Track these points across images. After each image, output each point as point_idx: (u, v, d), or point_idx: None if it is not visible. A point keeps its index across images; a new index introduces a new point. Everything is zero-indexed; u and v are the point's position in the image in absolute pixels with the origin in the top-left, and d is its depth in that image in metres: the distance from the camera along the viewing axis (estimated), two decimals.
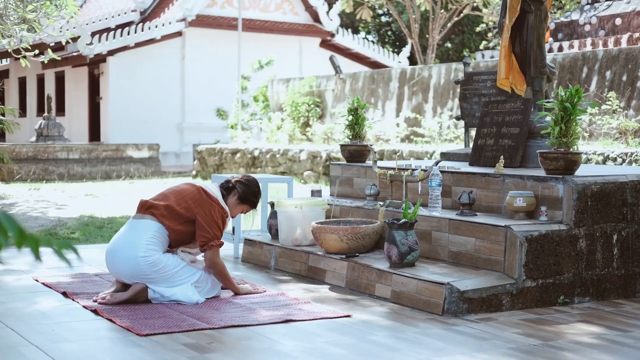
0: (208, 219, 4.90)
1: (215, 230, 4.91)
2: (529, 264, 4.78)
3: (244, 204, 5.19)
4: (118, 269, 4.86)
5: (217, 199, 4.97)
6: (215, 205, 4.95)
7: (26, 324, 4.32)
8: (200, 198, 4.94)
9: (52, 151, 18.55)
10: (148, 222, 4.87)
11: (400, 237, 5.03)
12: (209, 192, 4.98)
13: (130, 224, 4.94)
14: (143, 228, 4.85)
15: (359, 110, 6.74)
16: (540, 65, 6.19)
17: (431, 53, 20.46)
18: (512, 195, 5.14)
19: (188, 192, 4.99)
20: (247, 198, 5.18)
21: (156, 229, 4.86)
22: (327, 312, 4.62)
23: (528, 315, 4.63)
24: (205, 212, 4.90)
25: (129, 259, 4.78)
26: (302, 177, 14.65)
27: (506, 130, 6.16)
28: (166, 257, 4.85)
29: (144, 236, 4.82)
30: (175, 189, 5.06)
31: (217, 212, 4.93)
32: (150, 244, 4.81)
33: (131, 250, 4.79)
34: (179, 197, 4.95)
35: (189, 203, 4.93)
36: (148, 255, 4.78)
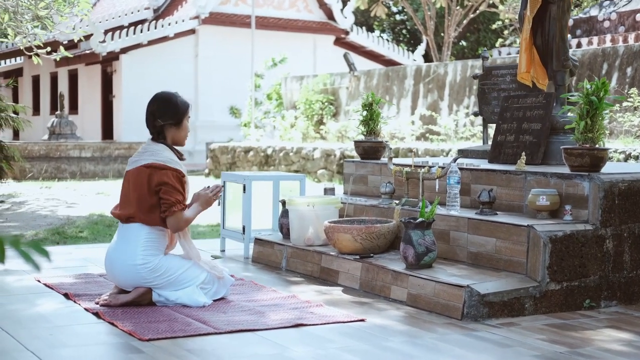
0: (165, 188, 4.56)
1: (176, 196, 4.58)
2: (553, 265, 4.54)
3: (180, 122, 4.71)
4: (119, 279, 4.64)
5: (163, 164, 4.60)
6: (166, 170, 4.59)
7: (24, 327, 4.12)
8: (149, 175, 4.57)
9: (64, 149, 18.41)
10: (137, 225, 4.61)
11: (417, 237, 4.80)
12: (153, 164, 4.59)
13: (121, 229, 4.68)
14: (135, 233, 4.60)
15: (373, 105, 6.50)
16: (563, 59, 5.94)
17: (447, 50, 20.19)
18: (534, 194, 4.89)
19: (138, 179, 4.60)
20: (177, 115, 4.69)
21: (148, 230, 4.61)
22: (340, 316, 4.39)
23: (552, 320, 4.39)
24: (161, 182, 4.55)
25: (127, 269, 4.56)
26: (316, 175, 14.43)
27: (527, 126, 5.91)
28: (167, 260, 4.63)
29: (139, 242, 4.58)
30: (127, 185, 4.68)
31: (170, 176, 4.59)
32: (147, 248, 4.58)
33: (128, 259, 4.56)
34: (137, 191, 4.59)
35: (145, 188, 4.58)
36: (147, 261, 4.56)
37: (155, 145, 4.72)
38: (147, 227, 4.60)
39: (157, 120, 4.72)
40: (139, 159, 4.69)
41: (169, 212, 4.56)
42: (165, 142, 4.74)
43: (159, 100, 4.76)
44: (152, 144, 4.73)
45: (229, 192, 6.80)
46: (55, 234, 8.12)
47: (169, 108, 4.73)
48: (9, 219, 9.69)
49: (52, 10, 13.27)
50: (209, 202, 4.79)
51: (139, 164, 4.66)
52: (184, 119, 4.76)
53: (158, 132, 4.74)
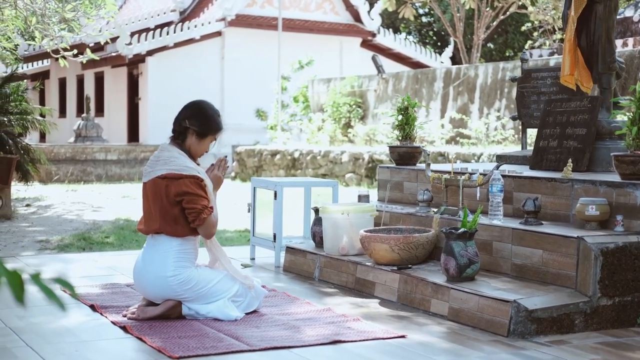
0: (187, 198, 4.35)
1: (201, 202, 4.36)
2: (604, 279, 4.28)
3: (205, 136, 4.52)
4: (148, 292, 4.44)
5: (179, 173, 4.37)
6: (183, 179, 4.36)
7: (48, 342, 3.93)
8: (166, 187, 4.36)
9: (90, 152, 18.33)
10: (167, 237, 4.41)
11: (459, 248, 4.56)
12: (167, 175, 4.37)
13: (150, 241, 4.48)
14: (165, 245, 4.40)
15: (409, 109, 6.27)
16: (609, 61, 5.68)
17: (476, 52, 19.90)
18: (583, 203, 4.64)
19: (154, 192, 4.40)
20: (206, 129, 4.49)
21: (178, 242, 4.41)
22: (380, 332, 4.17)
23: (604, 337, 4.13)
24: (180, 193, 4.34)
25: (157, 281, 4.36)
26: (344, 179, 14.21)
27: (571, 131, 5.65)
28: (198, 272, 4.42)
29: (169, 253, 4.38)
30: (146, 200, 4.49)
31: (188, 184, 4.37)
32: (178, 260, 4.38)
33: (159, 271, 4.36)
34: (158, 204, 4.39)
35: (165, 202, 4.37)
36: (178, 273, 4.35)
37: (169, 151, 4.48)
38: (178, 239, 4.41)
39: (185, 120, 4.51)
40: (153, 169, 4.47)
41: (199, 220, 4.36)
42: (181, 145, 4.52)
43: (197, 105, 4.59)
44: (165, 150, 4.50)
45: (259, 198, 6.60)
46: (81, 240, 7.96)
47: (201, 115, 4.54)
48: (34, 223, 9.56)
49: (79, 12, 13.18)
50: (220, 181, 4.58)
51: (153, 176, 4.44)
52: (210, 135, 4.55)
53: (179, 133, 4.52)
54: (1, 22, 13.79)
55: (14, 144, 12.16)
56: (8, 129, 11.95)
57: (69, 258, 6.63)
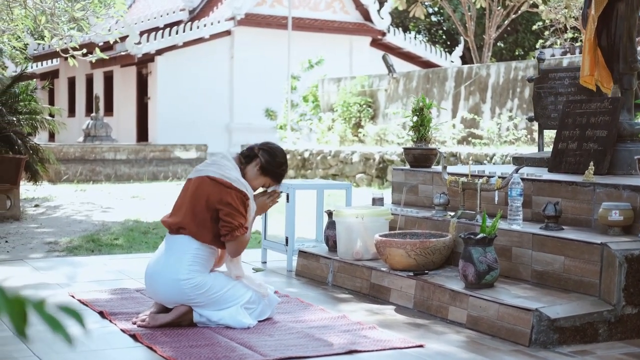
0: (227, 209, 4.25)
1: (239, 219, 4.27)
2: (629, 287, 4.14)
3: (265, 175, 4.46)
4: (159, 294, 4.32)
5: (229, 183, 4.28)
6: (231, 190, 4.27)
7: (56, 351, 3.82)
8: (212, 189, 4.28)
9: (99, 152, 18.24)
10: (185, 238, 4.30)
11: (477, 254, 4.43)
12: (218, 179, 4.29)
13: (168, 241, 4.38)
14: (182, 247, 4.29)
15: (424, 110, 6.14)
16: (630, 61, 5.53)
17: (487, 52, 19.73)
18: (606, 208, 4.50)
19: (197, 190, 4.32)
20: (270, 169, 4.45)
21: (196, 246, 4.30)
22: (397, 341, 4.04)
23: (630, 348, 4.00)
24: (223, 202, 4.25)
25: (170, 283, 4.24)
26: (354, 179, 14.08)
27: (591, 133, 5.51)
28: (212, 277, 4.31)
29: (185, 256, 4.27)
30: (184, 194, 4.42)
31: (234, 198, 4.27)
32: (193, 264, 4.26)
33: (172, 273, 4.24)
34: (193, 202, 4.32)
35: (203, 201, 4.29)
36: (191, 277, 4.24)
37: (228, 160, 4.41)
38: (197, 242, 4.29)
39: (259, 150, 4.46)
40: (205, 169, 4.39)
41: (231, 236, 4.26)
42: (243, 166, 4.44)
43: (278, 150, 4.55)
44: (225, 159, 4.43)
45: None
46: (90, 241, 7.86)
47: (275, 155, 4.49)
48: (43, 224, 9.47)
49: (88, 11, 13.09)
50: (265, 208, 4.51)
51: (204, 174, 4.36)
52: (270, 176, 4.48)
53: (247, 156, 4.46)
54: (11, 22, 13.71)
55: (22, 143, 12.08)
56: (17, 128, 11.87)
57: (77, 261, 6.52)
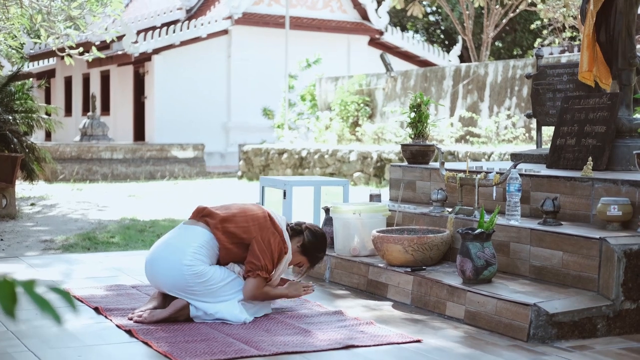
0: (264, 247, 4.32)
1: (267, 261, 4.31)
2: (627, 282, 4.12)
3: (303, 254, 4.56)
4: (159, 277, 4.30)
5: (281, 230, 4.41)
6: (278, 235, 4.37)
7: (51, 347, 3.79)
8: (264, 223, 4.38)
9: (96, 151, 18.20)
10: (200, 229, 4.34)
11: (475, 249, 4.40)
12: (275, 220, 4.43)
13: (180, 228, 4.43)
14: (193, 235, 4.32)
15: (422, 106, 6.11)
16: (629, 56, 5.51)
17: (485, 50, 19.71)
18: (604, 203, 4.47)
19: (252, 212, 4.45)
20: (311, 250, 4.56)
21: (207, 239, 4.31)
22: (394, 337, 4.01)
23: (629, 343, 3.97)
24: (264, 238, 4.33)
25: (172, 266, 4.23)
26: (352, 178, 14.05)
27: (590, 129, 5.49)
28: (213, 269, 4.29)
29: (193, 244, 4.28)
30: (240, 205, 4.54)
31: (276, 242, 4.35)
32: (198, 253, 4.26)
33: (176, 256, 4.24)
34: (240, 214, 4.41)
35: (249, 224, 4.37)
36: (194, 264, 4.22)
37: (283, 222, 4.53)
38: (209, 235, 4.32)
39: (306, 229, 4.56)
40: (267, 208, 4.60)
41: (253, 273, 4.28)
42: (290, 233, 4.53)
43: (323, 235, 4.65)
44: (282, 219, 4.56)
45: (268, 198, 6.45)
46: (86, 239, 7.82)
47: (318, 241, 4.59)
48: (39, 222, 9.43)
49: (85, 10, 13.05)
50: (296, 294, 4.52)
51: (265, 208, 4.53)
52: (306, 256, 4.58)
53: (294, 229, 4.56)
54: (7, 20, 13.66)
55: (18, 142, 12.04)
56: (13, 127, 11.83)
57: (73, 258, 6.49)
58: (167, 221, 9.35)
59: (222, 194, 13.18)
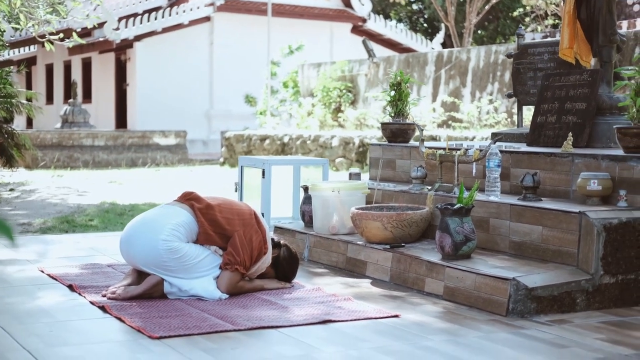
0: (245, 242, 4.28)
1: (246, 257, 4.27)
2: (607, 256, 4.09)
3: (273, 267, 4.54)
4: (133, 252, 4.23)
5: (265, 230, 4.39)
6: (261, 234, 4.35)
7: (22, 323, 3.71)
8: (249, 220, 4.35)
9: (77, 138, 18.03)
10: (182, 210, 4.30)
11: (454, 224, 4.36)
12: (259, 220, 4.41)
13: (162, 207, 4.38)
14: (174, 213, 4.27)
15: (402, 85, 6.05)
16: (610, 33, 5.47)
17: (468, 37, 19.68)
18: (584, 177, 4.44)
19: (239, 207, 4.43)
20: (282, 266, 4.54)
21: (188, 220, 4.26)
22: (372, 312, 3.96)
23: (608, 317, 3.94)
24: (246, 234, 4.30)
25: (148, 240, 4.16)
26: (334, 164, 14.00)
27: (570, 106, 5.45)
28: (188, 245, 4.22)
29: (172, 221, 4.22)
30: (228, 199, 4.51)
31: (258, 240, 4.32)
32: (175, 230, 4.20)
33: (153, 231, 4.17)
34: (227, 206, 4.38)
35: (234, 217, 4.34)
36: (170, 239, 4.16)
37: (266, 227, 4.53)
38: (190, 217, 4.26)
39: (285, 247, 4.58)
40: None
41: (231, 267, 4.24)
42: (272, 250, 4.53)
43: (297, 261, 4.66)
44: None
45: (246, 178, 6.39)
46: (64, 222, 7.72)
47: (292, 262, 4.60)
48: (17, 207, 9.32)
49: None
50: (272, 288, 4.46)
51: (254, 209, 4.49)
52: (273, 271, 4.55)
53: (273, 242, 4.56)
54: None
55: None
56: None
57: (50, 239, 6.40)
58: (148, 205, 9.26)
59: (204, 181, 13.09)
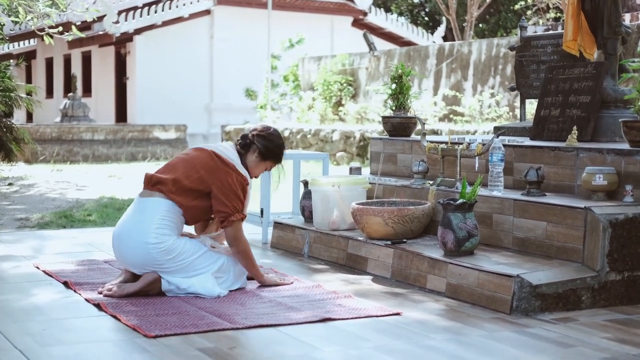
0: (225, 190, 4.14)
1: (235, 202, 4.15)
2: (613, 253, 4.00)
3: (266, 160, 4.36)
4: (127, 258, 4.14)
5: (233, 165, 4.20)
6: (232, 172, 4.18)
7: (15, 321, 3.63)
8: (214, 165, 4.17)
9: (77, 132, 17.95)
10: (157, 200, 4.14)
11: (457, 220, 4.28)
12: (222, 157, 4.20)
13: (137, 203, 4.21)
14: (152, 208, 4.12)
15: (403, 77, 5.96)
16: (615, 25, 5.38)
17: (469, 30, 19.57)
18: (589, 172, 4.35)
19: (198, 160, 4.22)
20: (270, 153, 4.35)
21: (167, 208, 4.13)
22: (373, 309, 3.88)
23: (614, 315, 3.86)
24: (222, 181, 4.14)
25: (138, 246, 4.06)
26: (335, 158, 13.92)
27: (574, 99, 5.36)
28: (182, 241, 4.13)
29: (154, 218, 4.09)
30: (183, 158, 4.30)
31: (234, 180, 4.16)
32: (161, 227, 4.08)
33: (140, 236, 4.06)
34: (188, 168, 4.20)
35: (200, 173, 4.17)
36: (160, 241, 4.05)
37: (231, 150, 4.30)
38: (168, 204, 4.12)
39: (255, 137, 4.33)
40: (211, 146, 4.31)
41: (228, 222, 4.14)
42: (242, 155, 4.32)
43: (274, 132, 4.42)
44: (229, 147, 4.32)
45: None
46: (62, 217, 7.64)
47: (272, 141, 4.37)
48: (15, 201, 9.24)
49: None
50: (270, 283, 4.36)
51: (210, 148, 4.27)
52: (270, 160, 4.38)
53: (243, 145, 4.34)
54: None
55: None
56: None
57: (47, 235, 6.32)
58: None
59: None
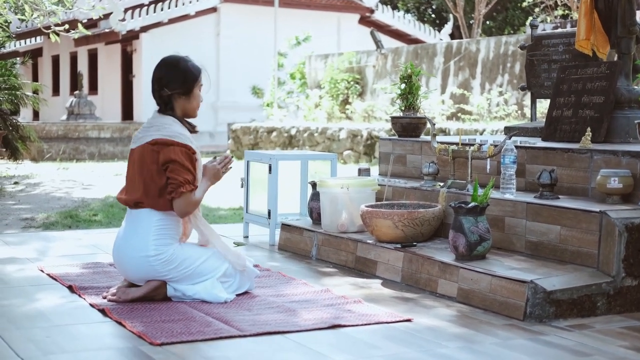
0: (172, 166, 3.96)
1: (184, 175, 3.97)
2: (629, 258, 3.91)
3: (192, 90, 4.11)
4: (129, 273, 4.05)
5: (171, 140, 4.00)
6: (174, 146, 3.99)
7: (18, 327, 3.56)
8: (157, 151, 3.98)
9: (83, 130, 17.90)
10: (147, 212, 4.02)
11: (469, 224, 4.19)
12: (159, 140, 4.00)
13: (129, 217, 4.09)
14: (146, 218, 4.01)
15: (412, 77, 5.87)
16: (629, 24, 5.27)
17: (477, 28, 19.46)
18: (604, 175, 4.26)
19: (142, 158, 4.03)
20: (187, 83, 4.09)
21: (159, 217, 4.01)
22: (383, 316, 3.80)
23: (630, 322, 3.77)
24: (168, 160, 3.96)
25: (138, 260, 3.97)
26: (342, 157, 13.83)
27: (587, 100, 5.26)
28: (183, 249, 4.04)
29: (150, 229, 3.98)
30: (132, 165, 4.12)
31: (178, 153, 3.98)
32: (159, 237, 3.98)
33: (139, 251, 3.97)
34: (144, 172, 4.02)
35: (153, 167, 4.00)
36: (160, 252, 3.96)
37: (162, 118, 4.10)
38: (159, 213, 4.01)
39: (164, 89, 4.10)
40: (144, 135, 4.08)
41: (176, 193, 3.95)
42: (173, 113, 4.13)
43: (166, 66, 4.13)
44: (159, 117, 4.11)
45: (252, 173, 6.22)
46: (68, 217, 7.58)
47: (177, 75, 4.11)
48: (21, 201, 9.18)
49: None
50: (218, 176, 4.19)
51: (143, 141, 4.05)
52: (195, 86, 4.14)
53: (165, 103, 4.12)
54: None
55: (1, 120, 11.77)
56: None
57: (52, 236, 6.25)
58: None
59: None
